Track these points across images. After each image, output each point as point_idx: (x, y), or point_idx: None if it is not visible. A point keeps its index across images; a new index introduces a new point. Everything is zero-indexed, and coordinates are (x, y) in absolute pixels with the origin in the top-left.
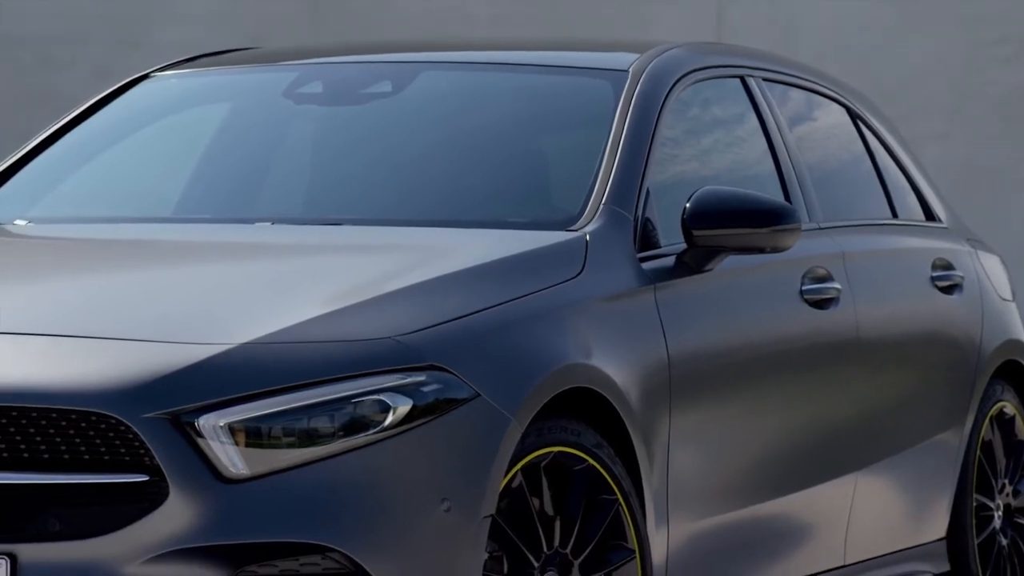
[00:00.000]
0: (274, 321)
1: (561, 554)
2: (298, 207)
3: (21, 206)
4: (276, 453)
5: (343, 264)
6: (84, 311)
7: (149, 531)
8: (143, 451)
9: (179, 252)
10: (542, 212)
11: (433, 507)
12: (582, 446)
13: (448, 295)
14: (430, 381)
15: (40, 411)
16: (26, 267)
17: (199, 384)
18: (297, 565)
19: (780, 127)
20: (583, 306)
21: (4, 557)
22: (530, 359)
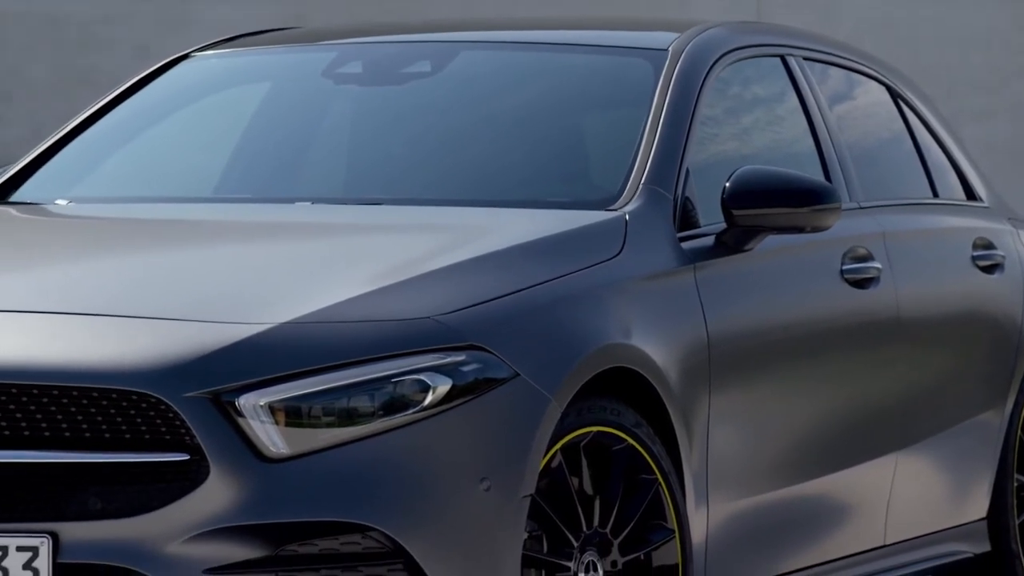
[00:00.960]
0: (314, 301)
1: (600, 534)
2: (338, 187)
3: (63, 186)
4: (316, 432)
5: (383, 244)
6: (125, 291)
7: (190, 510)
8: (184, 430)
9: (219, 232)
10: (582, 192)
11: (472, 487)
12: (622, 426)
13: (487, 275)
14: (470, 361)
15: (81, 390)
16: (68, 247)
17: (240, 363)
18: (337, 544)
19: (820, 106)
20: (622, 286)
21: (46, 536)
22: (569, 339)
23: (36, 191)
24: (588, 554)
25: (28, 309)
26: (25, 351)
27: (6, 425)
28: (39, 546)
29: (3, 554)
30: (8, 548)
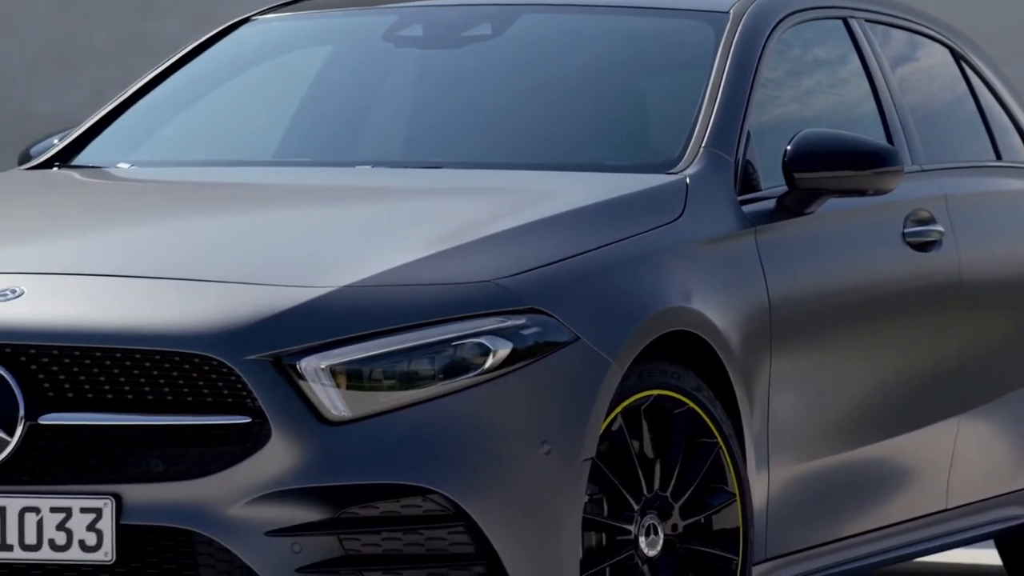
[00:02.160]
0: (375, 264)
1: (661, 497)
2: (398, 150)
3: (124, 150)
4: (377, 395)
5: (443, 207)
6: (187, 254)
7: (251, 472)
8: (245, 393)
9: (280, 195)
10: (642, 155)
11: (533, 450)
12: (682, 389)
13: (548, 238)
14: (530, 324)
15: (144, 353)
16: (129, 210)
17: (301, 327)
18: (398, 507)
19: (882, 68)
20: (683, 249)
21: (109, 497)
22: (630, 302)
23: (98, 155)
24: (648, 518)
25: (90, 272)
26: (88, 314)
27: (70, 388)
28: (102, 508)
29: (67, 516)
30: (72, 510)
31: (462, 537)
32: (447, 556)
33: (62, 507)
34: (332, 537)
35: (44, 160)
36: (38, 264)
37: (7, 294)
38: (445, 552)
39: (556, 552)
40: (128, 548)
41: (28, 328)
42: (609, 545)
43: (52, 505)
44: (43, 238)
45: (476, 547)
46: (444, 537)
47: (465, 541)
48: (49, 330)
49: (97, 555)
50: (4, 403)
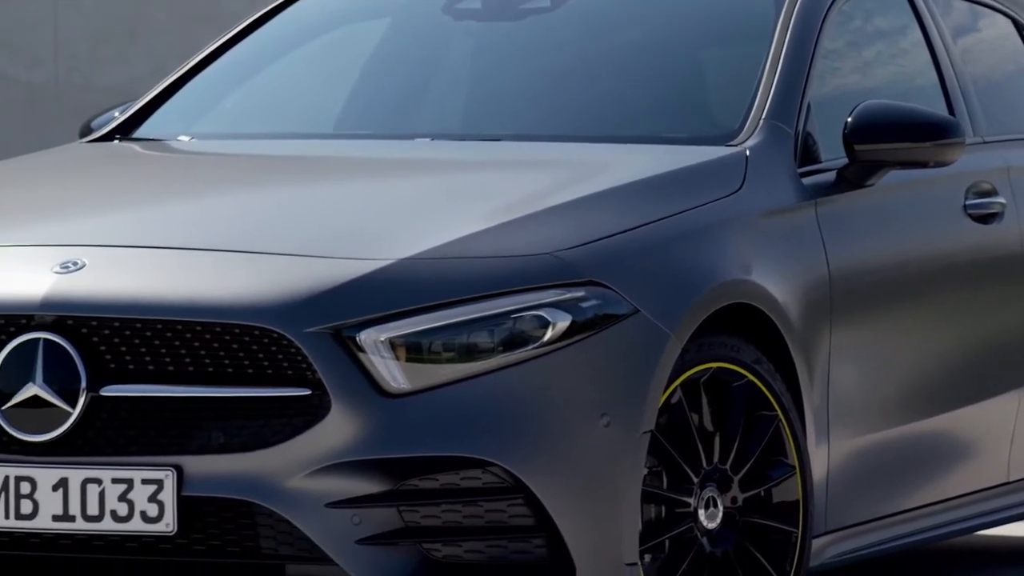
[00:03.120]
0: (434, 237)
1: (720, 470)
2: (457, 123)
3: (184, 122)
4: (436, 368)
5: (502, 180)
6: (247, 227)
7: (311, 444)
8: (305, 365)
9: (339, 168)
10: (702, 127)
11: (592, 422)
12: (742, 362)
13: (607, 211)
14: (589, 297)
15: (205, 325)
16: (189, 183)
17: (360, 299)
18: (458, 479)
19: (944, 39)
20: (743, 222)
21: (170, 469)
22: (689, 275)
23: (159, 128)
24: (708, 490)
25: (151, 244)
26: (149, 286)
27: (131, 360)
28: (164, 479)
29: (128, 487)
30: (133, 481)
31: (521, 509)
32: (506, 528)
33: (124, 478)
34: (392, 509)
35: (105, 133)
36: (99, 236)
37: (69, 266)
38: (504, 524)
39: (615, 524)
40: (189, 519)
41: (90, 300)
42: (668, 518)
43: (114, 476)
44: (104, 211)
45: (536, 519)
46: (503, 509)
47: (525, 513)
48: (110, 302)
49: (158, 526)
50: (66, 375)
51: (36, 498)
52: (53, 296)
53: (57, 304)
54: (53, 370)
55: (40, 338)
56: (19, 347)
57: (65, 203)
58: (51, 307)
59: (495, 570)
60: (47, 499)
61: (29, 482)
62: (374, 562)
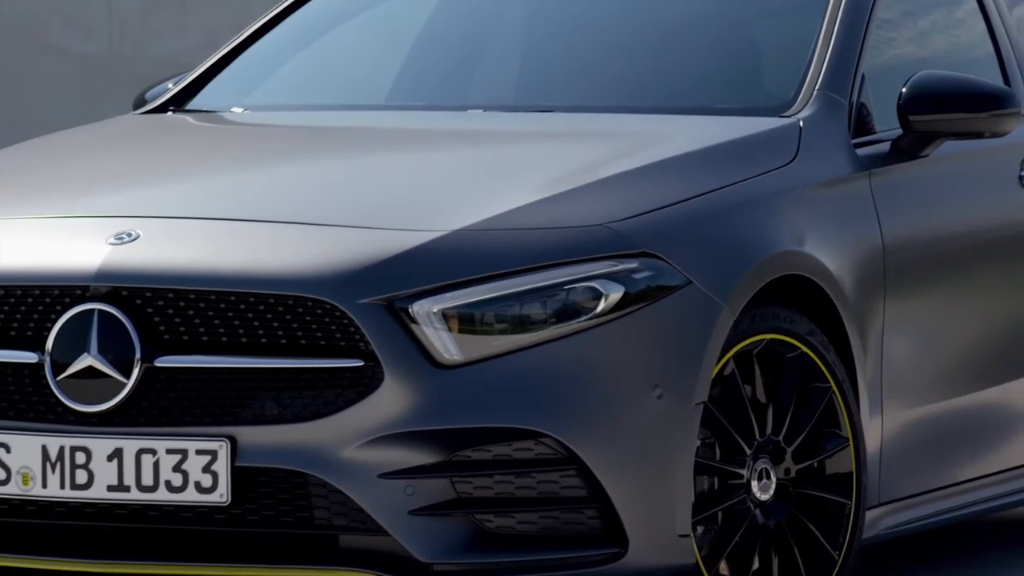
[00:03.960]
0: (487, 208)
1: (773, 441)
2: (510, 94)
3: (238, 94)
4: (489, 339)
5: (555, 151)
6: (300, 198)
7: (364, 415)
8: (358, 337)
9: (392, 139)
10: (755, 98)
11: (645, 394)
12: (795, 333)
13: (660, 182)
14: (642, 268)
15: (258, 296)
16: (242, 154)
17: (413, 270)
18: (510, 450)
19: (999, 9)
20: (796, 193)
21: (224, 439)
22: (742, 246)
23: (212, 99)
24: (761, 462)
25: (205, 216)
26: (203, 257)
27: (185, 331)
28: (218, 450)
29: (183, 457)
30: (188, 452)
31: (574, 481)
32: (559, 499)
33: (178, 449)
34: (444, 480)
35: (159, 104)
36: (153, 208)
37: (123, 237)
38: (557, 495)
39: (668, 496)
40: (243, 490)
41: (144, 271)
42: (721, 489)
43: (168, 447)
44: (158, 182)
45: (588, 491)
46: (556, 480)
47: (577, 485)
48: (164, 273)
49: (212, 496)
50: (121, 345)
51: (91, 468)
52: (108, 267)
53: (112, 275)
54: (108, 341)
55: (95, 309)
56: (74, 318)
57: (119, 174)
58: (106, 278)
59: (547, 541)
60: (102, 469)
61: (84, 452)
62: (427, 533)
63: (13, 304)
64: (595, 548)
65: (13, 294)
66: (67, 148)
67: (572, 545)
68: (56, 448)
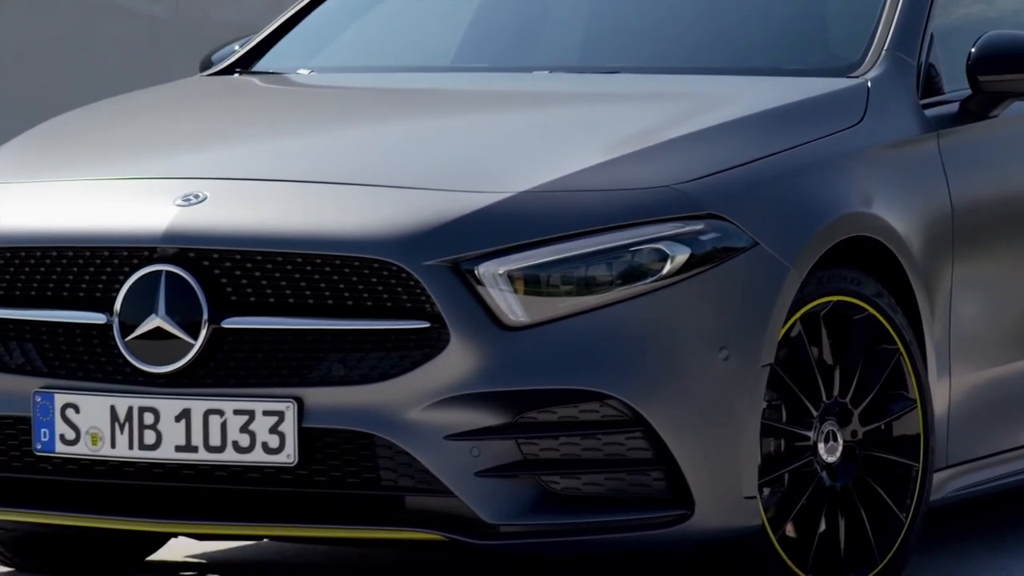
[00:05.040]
0: (553, 169)
1: (840, 403)
2: (575, 55)
3: (304, 56)
4: (554, 301)
5: (621, 112)
6: (366, 160)
7: (430, 377)
8: (424, 298)
9: (458, 101)
10: (822, 59)
11: (711, 356)
12: (862, 295)
13: (726, 143)
14: (708, 230)
15: (324, 258)
16: (309, 116)
17: (479, 232)
18: (576, 412)
19: None
20: (864, 154)
21: (291, 400)
22: (809, 207)
23: (278, 61)
24: (828, 424)
25: (271, 177)
26: (270, 219)
27: (252, 292)
28: (284, 411)
29: (250, 418)
30: (255, 413)
31: (640, 443)
32: (625, 461)
33: (245, 410)
34: (510, 441)
35: (225, 66)
36: (220, 169)
37: (191, 199)
38: (623, 457)
39: (734, 458)
40: (310, 450)
41: (211, 232)
42: (788, 451)
43: (235, 408)
44: (225, 144)
45: (654, 452)
46: (622, 442)
47: (643, 447)
48: (231, 234)
49: (279, 457)
50: (188, 307)
51: (159, 429)
52: (175, 228)
53: (179, 236)
54: (175, 302)
55: (163, 270)
56: (142, 279)
57: (186, 136)
58: (173, 239)
59: (613, 503)
60: (170, 430)
61: (152, 413)
62: (493, 494)
63: (82, 265)
64: (661, 510)
65: (82, 255)
66: (135, 110)
67: (638, 507)
68: (124, 409)
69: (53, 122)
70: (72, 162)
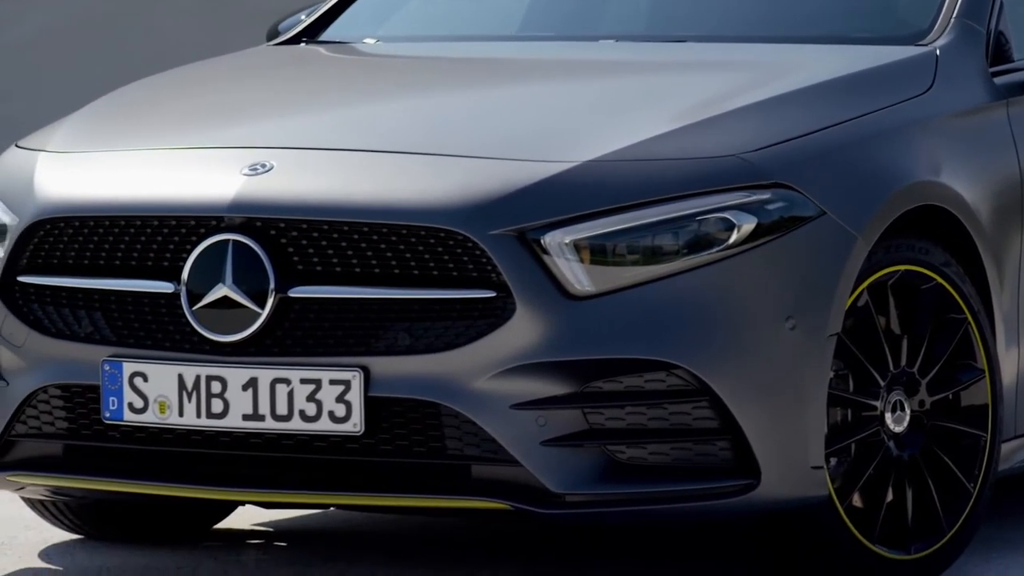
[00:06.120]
0: (619, 138)
1: (908, 373)
2: (642, 24)
3: (370, 25)
4: (620, 270)
5: (687, 81)
6: (432, 129)
7: (496, 346)
8: (490, 268)
9: (524, 70)
10: (890, 26)
11: (778, 325)
12: (930, 264)
13: (793, 112)
14: (775, 199)
15: (390, 227)
16: (375, 85)
17: (545, 201)
18: (642, 382)
19: None
20: (932, 122)
21: (357, 370)
22: (877, 176)
23: (345, 30)
24: (895, 393)
25: (338, 147)
26: (336, 188)
27: (318, 261)
28: (351, 380)
29: (316, 387)
30: (321, 382)
31: (706, 412)
32: (691, 431)
33: (312, 379)
34: (576, 411)
35: (291, 36)
36: (287, 139)
37: (257, 168)
38: (689, 427)
39: (801, 428)
40: (376, 419)
41: (278, 202)
42: (855, 421)
43: (302, 376)
44: (291, 113)
45: (720, 422)
46: (688, 412)
47: (709, 416)
48: (298, 204)
49: (346, 426)
50: (255, 276)
51: (227, 397)
52: (242, 198)
53: (246, 206)
54: (242, 271)
55: (230, 239)
56: (209, 248)
57: (253, 106)
58: (240, 209)
59: (679, 472)
60: (237, 398)
61: (220, 382)
62: (559, 463)
63: (150, 235)
64: (727, 479)
65: (150, 225)
66: (201, 80)
67: (704, 476)
68: (192, 377)
69: (120, 92)
70: (139, 132)
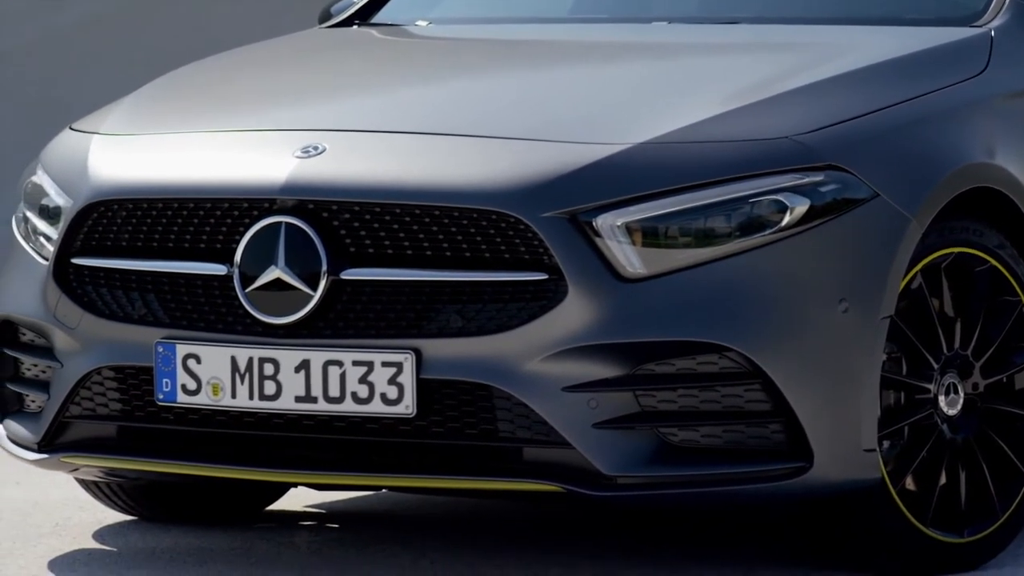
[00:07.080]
0: (671, 120)
1: (961, 356)
2: (694, 5)
3: (422, 7)
4: (672, 253)
5: (740, 63)
6: (485, 111)
7: (548, 329)
8: (542, 250)
9: (576, 52)
10: (945, 8)
11: (831, 308)
12: (984, 247)
13: (846, 94)
14: (828, 181)
15: (442, 210)
16: (427, 67)
17: (597, 183)
18: (694, 364)
19: None
20: (987, 104)
21: (409, 352)
22: (931, 158)
23: (396, 12)
24: (948, 376)
25: (390, 129)
26: (388, 171)
27: (370, 243)
28: (403, 362)
29: (369, 369)
30: (374, 364)
31: (758, 395)
32: (743, 413)
33: (364, 360)
34: (628, 393)
35: (344, 18)
36: (339, 121)
37: (310, 151)
38: (741, 409)
39: (854, 411)
40: (428, 402)
41: (330, 184)
42: (908, 404)
43: (354, 359)
44: (343, 96)
45: (773, 405)
46: (740, 395)
47: (761, 399)
48: (350, 186)
49: (398, 408)
50: (307, 258)
51: (279, 379)
52: (294, 180)
53: (298, 188)
54: (295, 253)
55: (282, 222)
56: (262, 231)
57: (305, 88)
58: (292, 191)
59: (732, 455)
60: (290, 380)
61: (272, 364)
62: (611, 445)
63: (203, 217)
64: (780, 462)
65: (203, 207)
66: (253, 63)
67: (756, 459)
68: (245, 359)
69: (173, 75)
70: (192, 114)
